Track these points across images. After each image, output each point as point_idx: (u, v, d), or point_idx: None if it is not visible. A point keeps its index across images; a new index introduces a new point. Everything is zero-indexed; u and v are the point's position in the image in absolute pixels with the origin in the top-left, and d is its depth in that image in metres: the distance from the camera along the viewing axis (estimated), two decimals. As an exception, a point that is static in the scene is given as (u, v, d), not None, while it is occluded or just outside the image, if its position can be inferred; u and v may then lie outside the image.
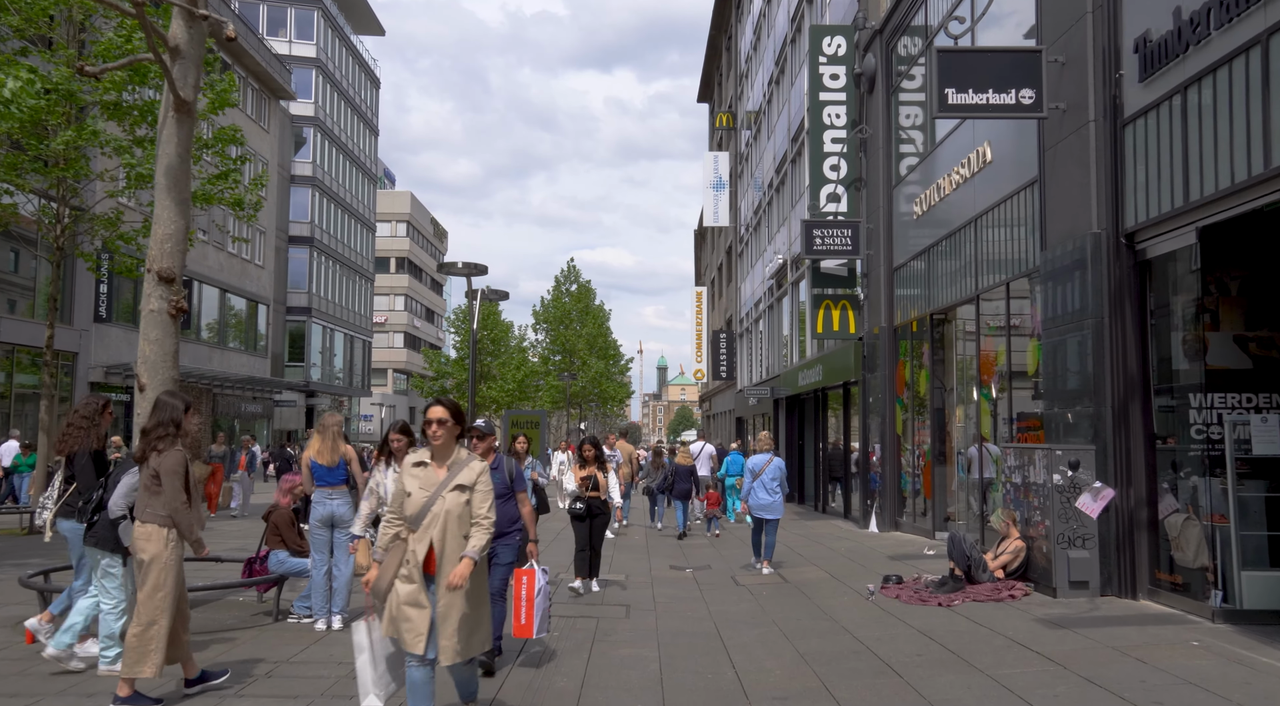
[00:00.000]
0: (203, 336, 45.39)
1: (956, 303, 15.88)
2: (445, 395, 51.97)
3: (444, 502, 5.66)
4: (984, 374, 14.66)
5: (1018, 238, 13.25)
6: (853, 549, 16.42)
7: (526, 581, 7.33)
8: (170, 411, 7.01)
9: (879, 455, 20.08)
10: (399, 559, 5.67)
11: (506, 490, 7.97)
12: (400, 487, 5.74)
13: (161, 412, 7.03)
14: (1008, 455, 11.84)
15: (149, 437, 6.95)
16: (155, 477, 6.79)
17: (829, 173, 21.65)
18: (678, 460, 20.50)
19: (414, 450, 9.95)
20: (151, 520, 6.79)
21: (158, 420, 6.99)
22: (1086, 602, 10.26)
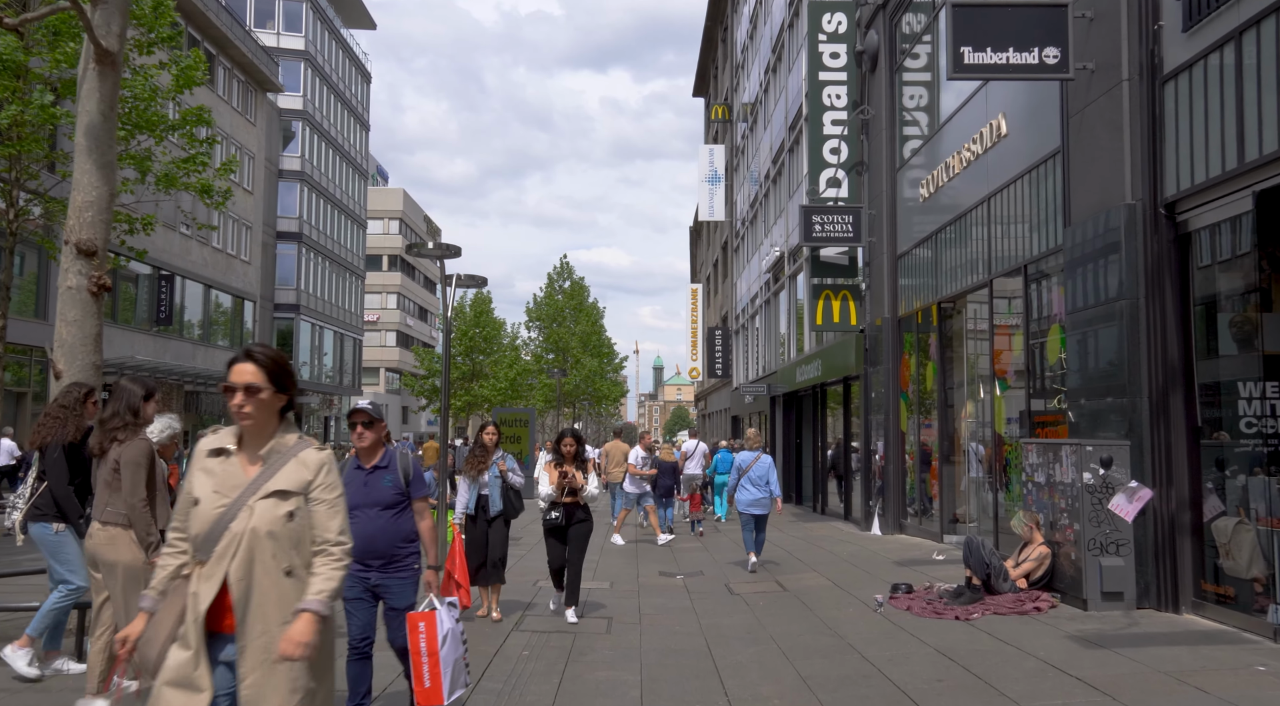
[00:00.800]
0: (186, 333, 44.25)
1: (967, 290, 14.80)
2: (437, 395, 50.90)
3: (250, 517, 3.55)
4: (998, 365, 13.58)
5: (1037, 216, 12.17)
6: (855, 553, 15.33)
7: (425, 629, 5.74)
8: (128, 397, 6.38)
9: (882, 453, 19.00)
10: (178, 609, 3.58)
11: (400, 497, 5.98)
12: (187, 490, 3.67)
13: (118, 400, 6.39)
14: (1028, 451, 10.74)
15: (106, 427, 6.32)
16: (115, 471, 6.13)
17: (829, 156, 20.57)
18: (660, 456, 20.00)
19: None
20: (114, 521, 6.12)
21: (114, 408, 6.37)
22: (1123, 616, 9.17)
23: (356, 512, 5.60)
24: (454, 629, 5.87)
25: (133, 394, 6.39)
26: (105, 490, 6.19)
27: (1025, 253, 12.50)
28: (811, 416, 27.27)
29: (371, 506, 5.85)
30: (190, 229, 43.46)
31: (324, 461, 3.72)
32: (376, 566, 5.85)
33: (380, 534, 5.85)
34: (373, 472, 5.96)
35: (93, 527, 6.21)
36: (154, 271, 40.35)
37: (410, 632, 5.77)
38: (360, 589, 5.84)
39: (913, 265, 17.95)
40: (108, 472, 6.20)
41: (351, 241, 69.42)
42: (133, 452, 6.17)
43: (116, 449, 6.22)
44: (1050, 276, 11.96)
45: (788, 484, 30.05)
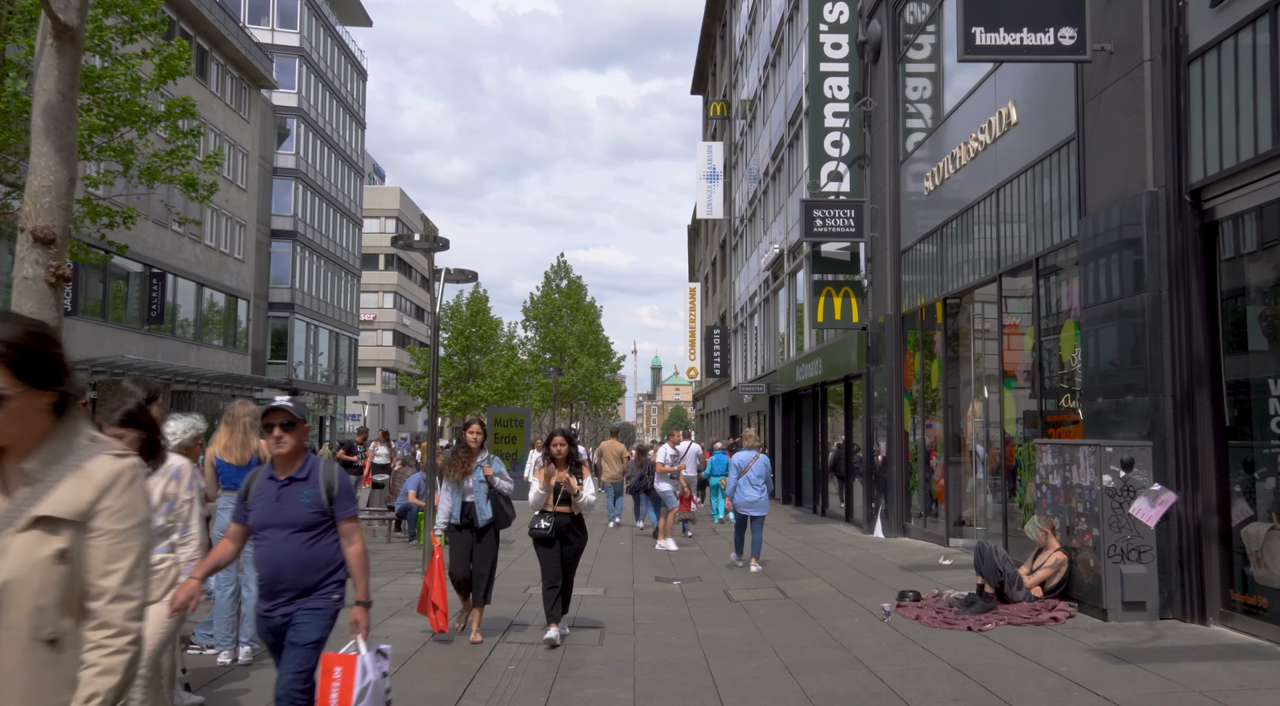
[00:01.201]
0: (178, 332, 43.71)
1: (974, 285, 14.28)
2: (429, 393, 48.92)
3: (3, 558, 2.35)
4: (1006, 363, 13.06)
5: (1049, 207, 11.65)
6: (859, 557, 14.82)
7: (341, 676, 4.71)
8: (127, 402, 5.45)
9: (884, 454, 18.49)
10: None
11: (320, 516, 4.91)
12: None
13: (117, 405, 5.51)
14: (1043, 452, 10.22)
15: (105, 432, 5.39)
16: None
17: (830, 149, 20.05)
18: (653, 459, 19.70)
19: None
20: None
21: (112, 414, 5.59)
22: (1145, 628, 8.65)
23: (265, 533, 4.89)
24: (378, 683, 4.76)
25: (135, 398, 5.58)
26: None
27: (1036, 246, 11.99)
28: (811, 416, 26.76)
29: (283, 527, 4.86)
30: (182, 226, 43.04)
31: (118, 472, 2.46)
32: (284, 599, 4.83)
33: (291, 560, 4.82)
34: (288, 485, 4.93)
35: None
36: (145, 269, 39.83)
37: (322, 677, 4.74)
38: (271, 636, 4.91)
39: (916, 261, 17.45)
40: None
41: (347, 240, 68.88)
42: None
43: None
44: (1063, 270, 11.45)
45: (787, 485, 29.56)
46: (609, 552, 16.30)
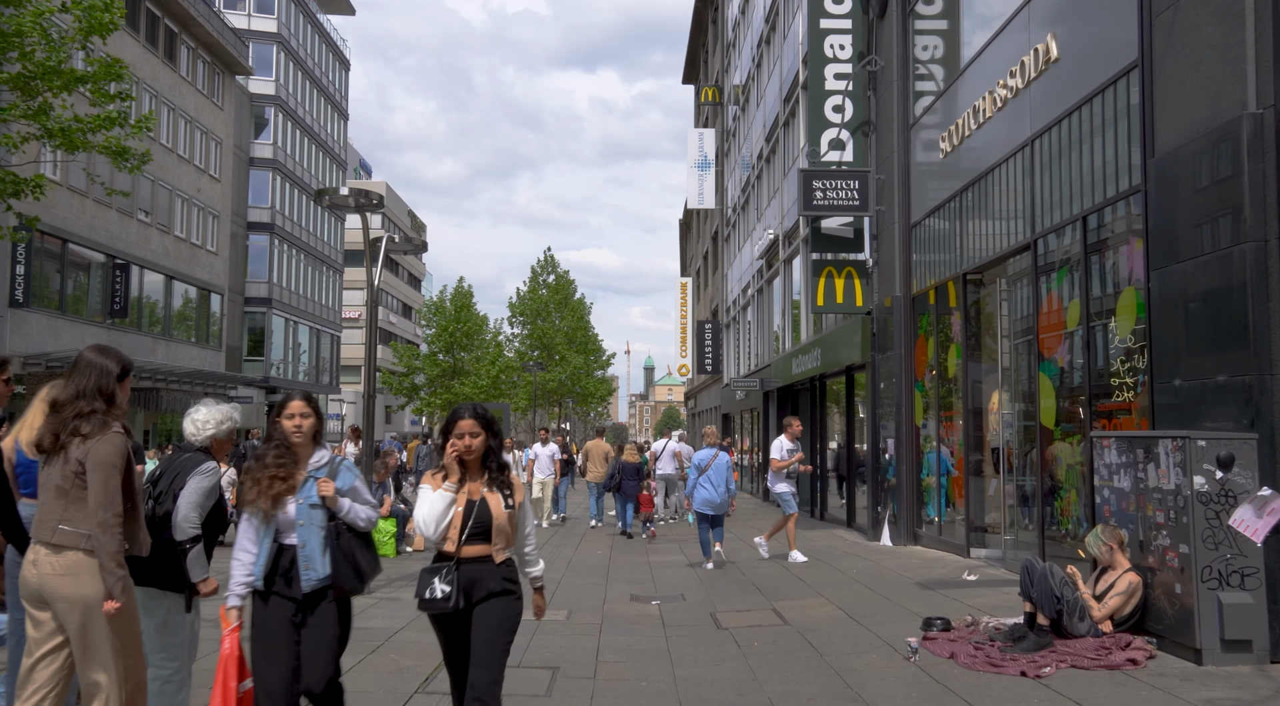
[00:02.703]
0: (146, 327, 41.61)
1: (1002, 255, 12.32)
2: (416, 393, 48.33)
3: None
4: (1044, 344, 11.08)
5: (1101, 153, 9.70)
6: (868, 571, 12.85)
7: None
8: (97, 375, 4.58)
9: (893, 452, 16.55)
10: None
11: None
12: None
13: (83, 377, 4.57)
14: (1104, 448, 8.24)
15: (64, 415, 4.50)
16: (79, 475, 4.39)
17: (831, 115, 18.08)
18: (624, 458, 19.11)
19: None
20: (71, 544, 4.38)
21: (77, 387, 4.55)
22: (1256, 675, 6.70)
23: None
24: None
25: (104, 371, 4.58)
26: (59, 500, 4.42)
27: (1083, 202, 10.03)
28: (809, 412, 24.79)
29: None
30: (149, 215, 40.95)
31: None
32: None
33: None
34: None
35: (35, 552, 4.45)
36: (108, 260, 37.76)
37: None
38: None
39: (929, 235, 15.52)
40: (64, 476, 4.42)
41: (329, 234, 66.81)
42: (105, 450, 4.38)
43: (80, 445, 4.41)
44: (1120, 228, 9.51)
45: (782, 486, 27.58)
46: (582, 564, 14.33)
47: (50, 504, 4.44)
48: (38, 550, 4.43)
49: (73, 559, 4.36)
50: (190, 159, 45.07)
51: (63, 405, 4.55)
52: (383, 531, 14.79)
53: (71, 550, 4.36)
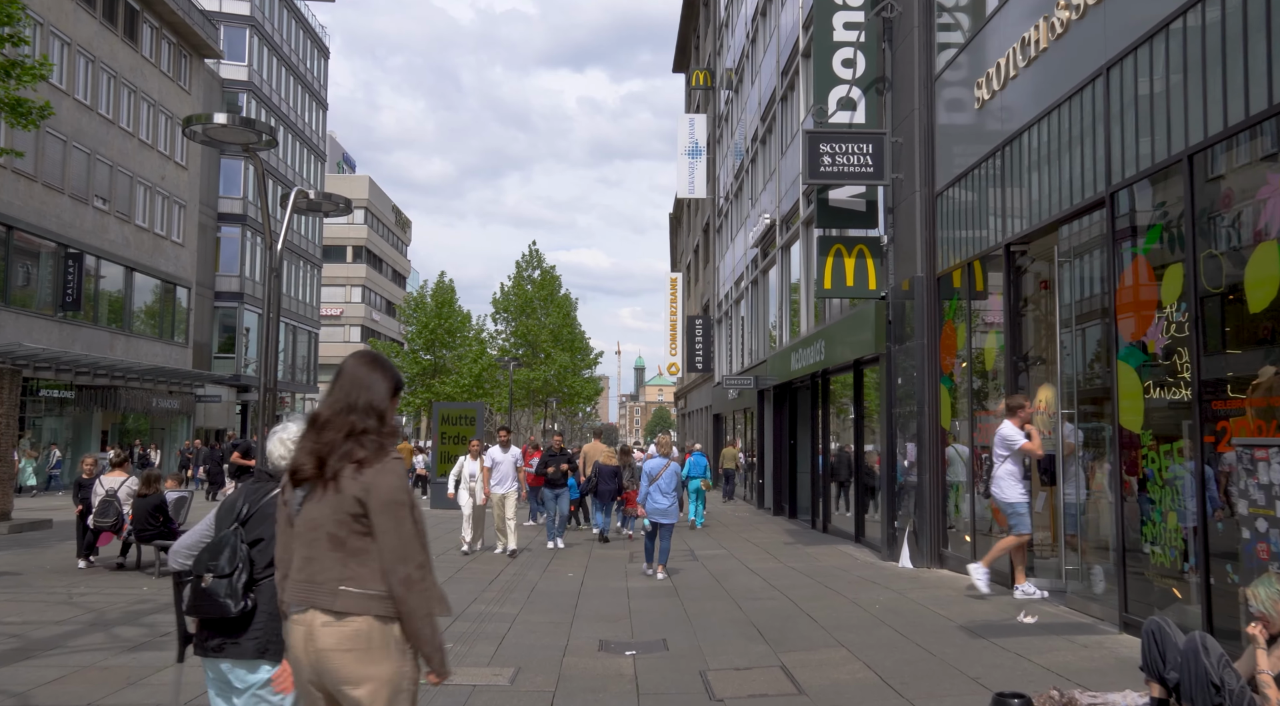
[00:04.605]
0: (104, 320, 39.12)
1: (1061, 218, 9.97)
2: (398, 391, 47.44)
3: None
4: (1125, 324, 8.71)
5: (1217, 71, 7.37)
6: (894, 607, 10.49)
7: None
8: (368, 389, 3.50)
9: (913, 458, 14.23)
10: None
11: None
12: None
13: (352, 390, 3.50)
14: (1260, 461, 5.86)
15: (330, 435, 3.42)
16: (357, 518, 3.29)
17: (840, 70, 15.74)
18: (602, 460, 18.32)
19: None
20: (365, 610, 3.29)
21: (347, 401, 3.47)
22: None
23: None
24: None
25: (375, 385, 3.52)
26: (334, 551, 3.34)
27: (1190, 136, 7.70)
28: (810, 412, 22.46)
29: None
30: (107, 203, 38.49)
31: None
32: None
33: None
34: None
35: (308, 622, 3.34)
36: (60, 249, 35.28)
37: None
38: None
39: (958, 205, 13.21)
40: (338, 520, 3.32)
41: (306, 228, 64.32)
42: (392, 484, 3.34)
43: (355, 475, 3.33)
44: (1247, 166, 7.18)
45: (779, 494, 25.28)
46: (548, 592, 11.95)
47: (323, 557, 3.38)
48: (311, 619, 3.37)
49: (363, 628, 3.31)
50: (153, 144, 42.61)
51: (327, 422, 3.51)
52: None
53: (360, 617, 3.31)
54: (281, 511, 3.52)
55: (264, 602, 3.88)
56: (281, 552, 3.50)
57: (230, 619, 3.83)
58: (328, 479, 3.38)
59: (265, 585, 3.88)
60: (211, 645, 3.91)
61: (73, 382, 35.43)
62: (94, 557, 13.78)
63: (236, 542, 3.90)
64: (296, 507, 3.45)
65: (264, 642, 3.90)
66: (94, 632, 8.96)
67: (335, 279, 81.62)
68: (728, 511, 26.55)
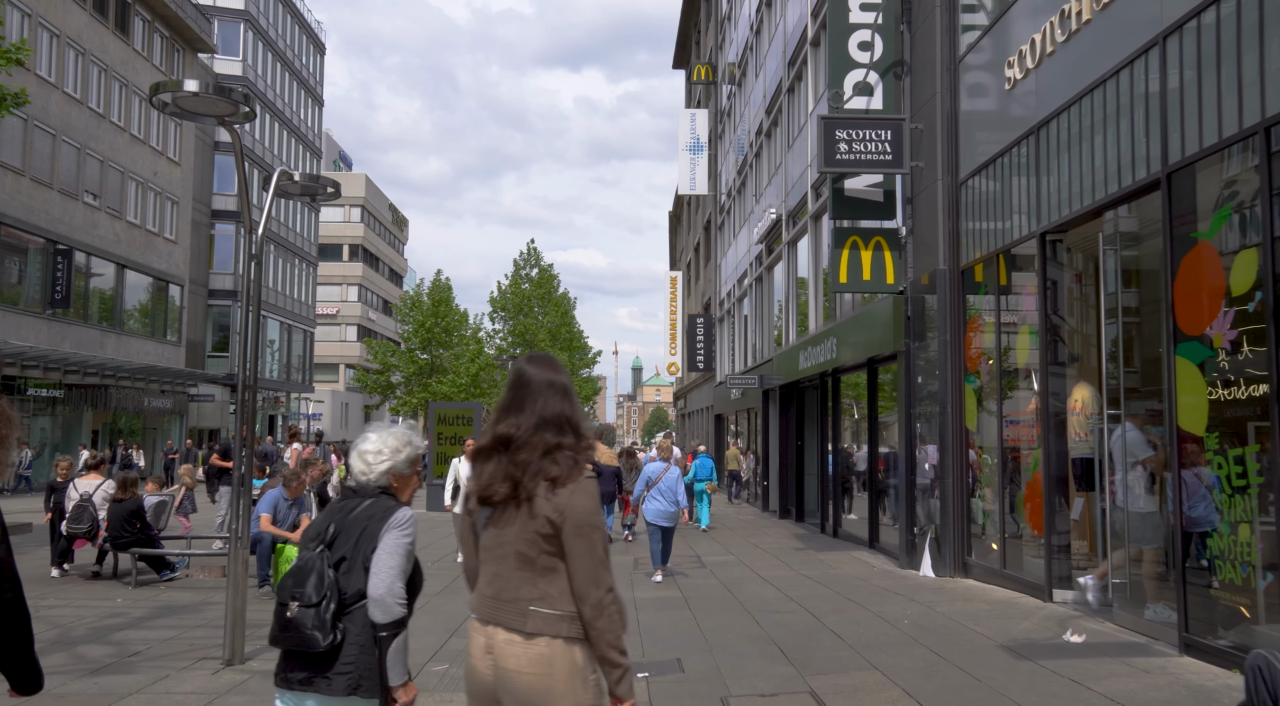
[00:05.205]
0: (95, 318, 38.34)
1: (1107, 202, 9.22)
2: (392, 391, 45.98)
3: None
4: (1185, 318, 7.96)
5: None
6: (924, 621, 9.75)
7: None
8: (558, 398, 3.38)
9: (934, 461, 13.50)
10: None
11: None
12: None
13: (540, 400, 3.34)
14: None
15: (524, 455, 3.28)
16: (549, 538, 3.20)
17: (857, 53, 15.01)
18: (603, 461, 16.84)
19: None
20: (554, 632, 3.19)
21: (538, 415, 3.31)
22: None
23: None
24: None
25: (564, 391, 3.38)
26: (524, 570, 3.23)
27: (1264, 107, 6.95)
28: (818, 413, 21.72)
29: None
30: (98, 198, 37.71)
31: None
32: None
33: None
34: None
35: (491, 637, 3.24)
36: (49, 245, 34.49)
37: None
38: None
39: (986, 192, 12.48)
40: (530, 539, 3.21)
41: (302, 225, 63.56)
42: (587, 505, 3.22)
43: (549, 495, 3.19)
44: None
45: (785, 497, 24.54)
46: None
47: (511, 575, 3.26)
48: (494, 634, 3.25)
49: (550, 650, 3.18)
50: (145, 139, 41.83)
51: (523, 443, 3.30)
52: (296, 561, 11.66)
53: (547, 638, 3.18)
54: (465, 520, 3.41)
55: (355, 633, 3.54)
56: (467, 562, 3.43)
57: (319, 652, 3.50)
58: (521, 499, 3.22)
59: (356, 614, 3.55)
60: (297, 679, 3.55)
61: (62, 381, 34.66)
62: (69, 565, 13.03)
63: (323, 567, 3.57)
64: (483, 523, 3.34)
65: (356, 678, 3.52)
66: (55, 652, 8.20)
67: (331, 277, 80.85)
68: (732, 513, 25.82)
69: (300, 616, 3.50)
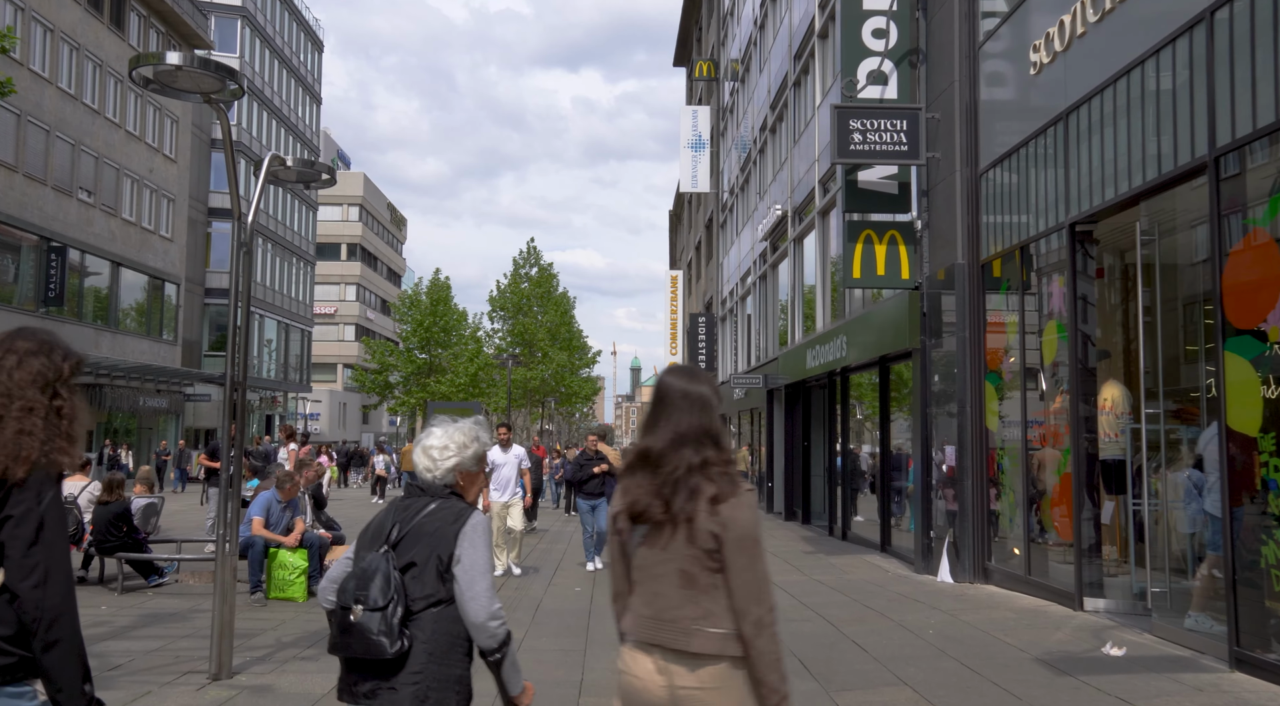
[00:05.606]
0: (89, 316, 37.82)
1: (1145, 189, 8.73)
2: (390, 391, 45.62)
3: None
4: (1236, 311, 7.46)
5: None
6: (950, 631, 9.26)
7: None
8: (699, 409, 3.25)
9: (952, 462, 13.01)
10: None
11: None
12: None
13: (684, 414, 3.22)
14: None
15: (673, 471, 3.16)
16: (712, 553, 3.09)
17: (871, 41, 14.52)
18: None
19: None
20: (722, 652, 3.05)
21: (678, 430, 3.21)
22: None
23: None
24: None
25: (705, 403, 3.23)
26: (686, 589, 3.10)
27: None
28: (825, 413, 21.24)
29: None
30: (92, 195, 37.19)
31: None
32: None
33: None
34: None
35: (658, 661, 3.10)
36: (41, 241, 33.97)
37: None
38: None
39: (1008, 183, 12.00)
40: (692, 556, 3.09)
41: (300, 224, 63.07)
42: (749, 519, 3.11)
43: (712, 512, 3.07)
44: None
45: (792, 498, 24.06)
46: (554, 610, 10.70)
47: (672, 594, 3.11)
48: (657, 656, 3.09)
49: (720, 673, 3.03)
50: (141, 136, 41.31)
51: (662, 456, 3.18)
52: (290, 567, 11.19)
53: (716, 660, 3.03)
54: (614, 540, 3.28)
55: (422, 640, 3.33)
56: (615, 584, 3.33)
57: (385, 660, 3.28)
58: (680, 518, 3.11)
59: (424, 619, 3.35)
60: (362, 690, 3.34)
61: (55, 380, 34.08)
62: (53, 570, 12.51)
63: (389, 569, 3.35)
64: (637, 542, 3.24)
65: (424, 689, 3.31)
66: (31, 665, 7.70)
67: (329, 277, 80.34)
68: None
69: (365, 620, 3.28)
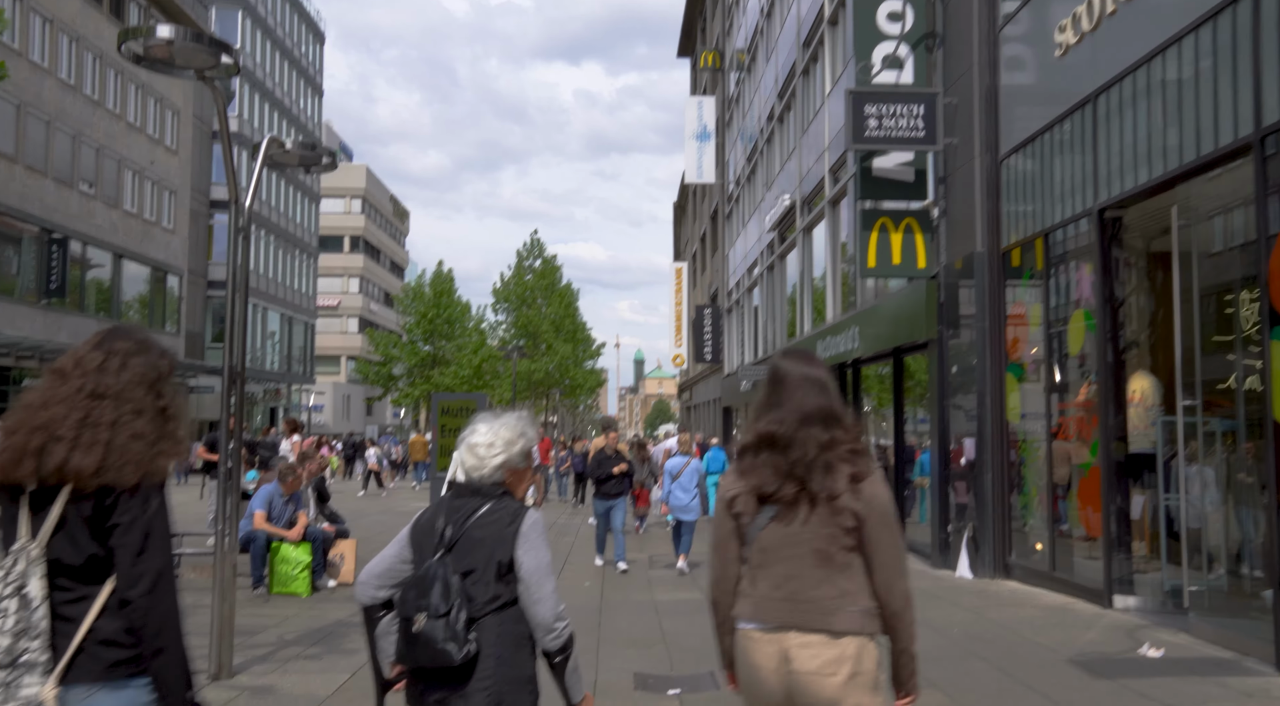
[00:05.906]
0: (88, 308, 37.55)
1: (1182, 172, 8.40)
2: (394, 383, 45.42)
3: None
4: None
5: None
6: (975, 630, 8.95)
7: None
8: (819, 391, 3.32)
9: (972, 454, 12.71)
10: None
11: None
12: None
13: (810, 396, 3.28)
14: None
15: (804, 453, 3.19)
16: (850, 530, 3.15)
17: (886, 24, 14.18)
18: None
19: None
20: (861, 629, 3.11)
21: (802, 410, 3.23)
22: None
23: None
24: None
25: (822, 386, 3.30)
26: (822, 567, 3.14)
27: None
28: (836, 405, 20.89)
29: None
30: (94, 187, 36.89)
31: None
32: None
33: None
34: None
35: (782, 643, 3.13)
36: (43, 233, 33.68)
37: None
38: None
39: (1031, 169, 11.68)
40: (829, 535, 3.13)
41: (302, 216, 62.78)
42: (886, 496, 3.20)
43: (854, 491, 3.13)
44: None
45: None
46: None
47: (808, 574, 3.13)
48: (787, 639, 3.10)
49: (852, 650, 3.06)
50: (142, 128, 41.01)
51: (790, 439, 3.19)
52: (293, 562, 10.90)
53: (855, 636, 3.07)
54: (728, 524, 3.31)
55: (489, 645, 3.27)
56: (723, 569, 3.35)
57: (453, 667, 3.21)
58: (821, 497, 3.13)
59: (488, 623, 3.29)
60: (433, 700, 3.28)
61: (57, 373, 33.87)
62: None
63: (447, 575, 3.28)
64: (762, 524, 3.24)
65: (497, 694, 3.25)
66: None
67: (332, 269, 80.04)
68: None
69: (429, 629, 3.21)
